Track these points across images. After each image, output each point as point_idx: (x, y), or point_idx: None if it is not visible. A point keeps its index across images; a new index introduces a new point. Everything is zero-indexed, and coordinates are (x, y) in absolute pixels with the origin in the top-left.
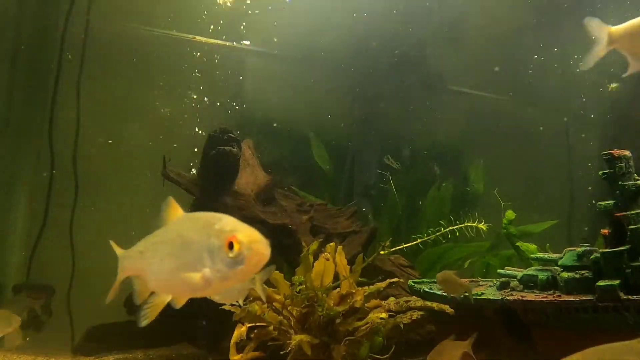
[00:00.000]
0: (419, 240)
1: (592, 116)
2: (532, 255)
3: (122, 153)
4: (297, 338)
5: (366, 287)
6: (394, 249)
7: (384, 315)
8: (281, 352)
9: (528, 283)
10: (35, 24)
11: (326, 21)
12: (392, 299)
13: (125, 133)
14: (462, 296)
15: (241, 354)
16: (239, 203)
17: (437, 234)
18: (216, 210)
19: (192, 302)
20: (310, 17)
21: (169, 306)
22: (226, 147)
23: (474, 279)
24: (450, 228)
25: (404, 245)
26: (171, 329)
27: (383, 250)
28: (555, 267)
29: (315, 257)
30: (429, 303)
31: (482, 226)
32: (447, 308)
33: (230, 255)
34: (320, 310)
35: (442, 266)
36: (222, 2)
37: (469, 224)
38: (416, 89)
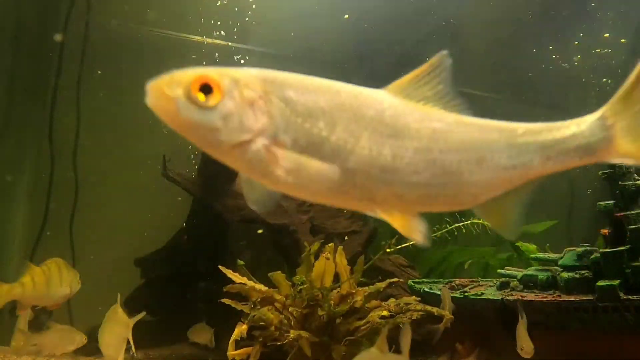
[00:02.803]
0: None
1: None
2: (532, 255)
3: (123, 153)
4: (295, 333)
5: (366, 288)
6: (399, 246)
7: (384, 313)
8: (278, 343)
9: (528, 283)
10: (35, 23)
11: (326, 20)
12: (392, 300)
13: (125, 133)
14: (463, 295)
15: (239, 350)
16: (238, 203)
17: (443, 230)
18: (216, 210)
19: (193, 303)
20: (310, 16)
21: (169, 305)
22: None
23: (474, 279)
24: (457, 225)
25: (409, 243)
26: (171, 329)
27: (389, 248)
28: (555, 267)
29: (316, 257)
30: (429, 307)
31: (488, 222)
32: (447, 314)
33: None
34: (321, 311)
35: (444, 269)
36: (220, 3)
37: (474, 221)
38: None
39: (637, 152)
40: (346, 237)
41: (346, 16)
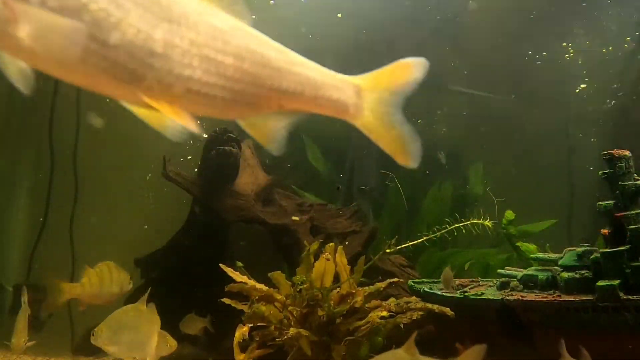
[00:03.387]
0: (424, 238)
1: (592, 116)
2: (532, 255)
3: (123, 153)
4: (294, 330)
5: (366, 287)
6: (399, 247)
7: (384, 313)
8: (277, 340)
9: (528, 283)
10: None
11: (323, 19)
12: (392, 299)
13: (125, 133)
14: (463, 295)
15: (245, 354)
16: (238, 203)
17: (443, 231)
18: (216, 210)
19: (194, 302)
20: (307, 14)
21: (169, 305)
22: (226, 147)
23: (474, 279)
24: (456, 225)
25: (410, 243)
26: (171, 329)
27: (389, 248)
28: (555, 267)
29: (316, 257)
30: (429, 305)
31: (488, 223)
32: (447, 311)
33: None
34: (321, 311)
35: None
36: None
37: (474, 221)
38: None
39: (376, 129)
40: (347, 242)
41: (339, 15)
